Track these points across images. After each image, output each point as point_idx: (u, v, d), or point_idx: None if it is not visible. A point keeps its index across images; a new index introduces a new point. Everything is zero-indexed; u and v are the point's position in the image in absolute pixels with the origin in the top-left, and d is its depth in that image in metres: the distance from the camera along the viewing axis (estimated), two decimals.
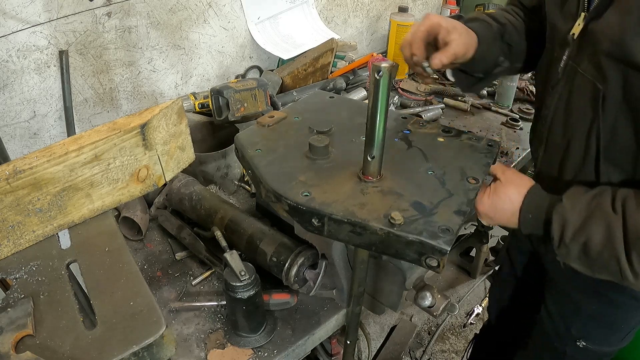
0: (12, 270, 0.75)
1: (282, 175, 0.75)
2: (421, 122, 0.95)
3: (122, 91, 1.55)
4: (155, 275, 1.09)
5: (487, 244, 2.36)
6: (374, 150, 0.69)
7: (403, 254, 0.65)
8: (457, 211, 0.69)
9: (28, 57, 1.30)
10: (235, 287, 0.86)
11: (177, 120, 0.93)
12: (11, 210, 0.75)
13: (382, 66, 0.61)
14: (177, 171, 0.97)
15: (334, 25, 2.13)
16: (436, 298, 0.91)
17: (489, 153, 0.85)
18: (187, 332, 0.96)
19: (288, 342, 0.94)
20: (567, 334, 1.09)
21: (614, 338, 1.07)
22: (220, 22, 1.71)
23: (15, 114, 1.34)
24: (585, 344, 1.08)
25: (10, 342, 0.63)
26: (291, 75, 1.77)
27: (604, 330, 1.05)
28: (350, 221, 0.66)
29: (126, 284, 0.72)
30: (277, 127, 0.91)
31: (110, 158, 0.83)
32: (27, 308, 0.68)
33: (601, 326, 1.04)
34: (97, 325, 0.66)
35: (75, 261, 0.78)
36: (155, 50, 1.56)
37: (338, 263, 0.94)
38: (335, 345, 1.43)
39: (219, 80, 1.81)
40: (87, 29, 1.37)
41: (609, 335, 1.07)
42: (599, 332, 1.06)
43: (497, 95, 1.91)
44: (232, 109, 1.32)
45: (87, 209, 0.84)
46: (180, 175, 1.22)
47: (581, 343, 1.08)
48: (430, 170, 0.78)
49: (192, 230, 1.15)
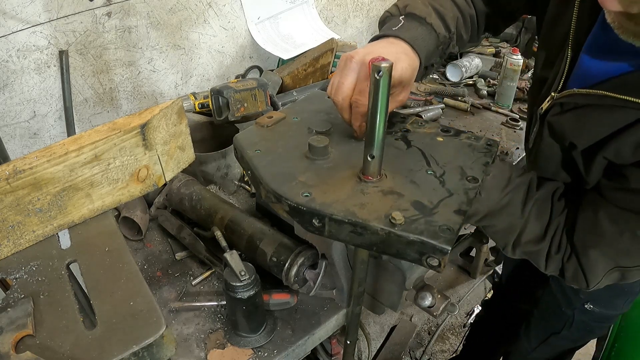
0: (12, 270, 0.75)
1: (282, 176, 0.75)
2: (420, 121, 0.95)
3: (122, 91, 1.55)
4: (155, 275, 1.09)
5: (487, 244, 2.36)
6: (374, 150, 0.69)
7: (404, 253, 0.65)
8: (458, 210, 0.69)
9: (28, 57, 1.30)
10: (235, 287, 0.86)
11: (177, 120, 0.93)
12: (11, 210, 0.75)
13: (382, 66, 0.61)
14: (177, 171, 0.97)
15: (334, 25, 2.13)
16: (436, 298, 0.91)
17: (488, 152, 0.85)
18: (187, 332, 0.96)
19: (288, 342, 0.94)
20: (575, 297, 1.13)
21: (620, 302, 1.13)
22: (220, 22, 1.71)
23: (15, 114, 1.34)
24: (593, 307, 1.13)
25: (10, 342, 0.63)
26: (291, 75, 1.77)
27: (612, 293, 1.10)
28: (351, 221, 0.66)
29: (126, 284, 0.72)
30: (276, 127, 0.90)
31: (110, 158, 0.82)
32: (27, 308, 0.68)
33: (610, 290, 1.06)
34: (97, 325, 0.66)
35: (75, 261, 0.78)
36: (155, 50, 1.56)
37: (338, 263, 0.94)
38: (335, 345, 1.43)
39: (219, 80, 1.81)
40: (87, 29, 1.37)
41: (616, 299, 1.12)
42: (608, 295, 1.09)
43: (497, 95, 1.91)
44: (232, 109, 1.32)
45: (87, 209, 0.84)
46: (180, 175, 1.22)
47: (589, 306, 1.13)
48: (430, 170, 0.78)
49: (192, 230, 1.15)
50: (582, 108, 0.81)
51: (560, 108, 0.85)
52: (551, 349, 1.31)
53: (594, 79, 0.78)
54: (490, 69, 2.18)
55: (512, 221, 0.85)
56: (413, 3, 0.91)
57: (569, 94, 0.82)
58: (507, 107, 1.87)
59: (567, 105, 0.84)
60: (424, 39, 0.87)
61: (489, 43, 2.40)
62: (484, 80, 2.07)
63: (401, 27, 0.86)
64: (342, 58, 0.80)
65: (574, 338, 1.26)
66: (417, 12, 0.88)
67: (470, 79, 2.09)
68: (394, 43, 0.84)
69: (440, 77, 2.13)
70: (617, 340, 1.47)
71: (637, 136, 0.73)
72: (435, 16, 0.90)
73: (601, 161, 0.80)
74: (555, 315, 1.22)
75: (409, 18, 0.88)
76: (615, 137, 0.75)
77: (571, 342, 1.29)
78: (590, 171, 0.83)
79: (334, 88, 0.79)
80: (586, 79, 0.80)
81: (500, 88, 1.88)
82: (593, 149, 0.80)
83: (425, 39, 0.87)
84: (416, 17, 0.88)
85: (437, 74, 2.15)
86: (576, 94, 0.80)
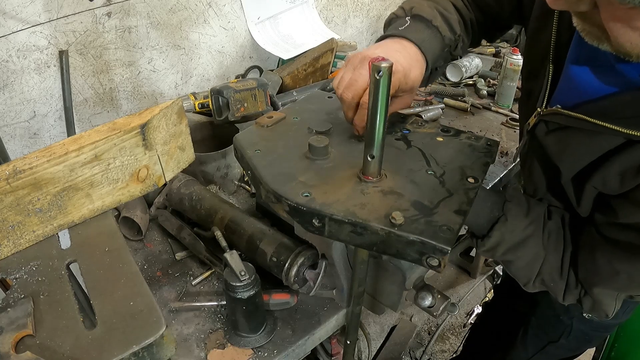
0: (12, 270, 0.75)
1: (282, 176, 0.75)
2: (420, 121, 0.95)
3: (122, 91, 1.55)
4: (155, 275, 1.09)
5: None
6: (374, 150, 0.69)
7: (404, 253, 0.65)
8: (458, 210, 0.69)
9: (28, 57, 1.30)
10: (235, 287, 0.86)
11: (177, 120, 0.93)
12: (11, 210, 0.75)
13: (382, 66, 0.61)
14: (177, 171, 0.97)
15: (334, 25, 2.13)
16: (436, 298, 0.91)
17: (488, 152, 0.85)
18: (187, 332, 0.96)
19: (288, 342, 0.94)
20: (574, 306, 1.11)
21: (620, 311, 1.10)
22: (220, 22, 1.71)
23: (15, 114, 1.34)
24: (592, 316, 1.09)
25: (10, 342, 0.63)
26: (291, 75, 1.77)
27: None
28: (351, 221, 0.66)
29: (126, 284, 0.72)
30: (276, 127, 0.90)
31: (110, 158, 0.82)
32: (27, 308, 0.68)
33: None
34: (97, 325, 0.66)
35: (75, 261, 0.78)
36: (155, 50, 1.56)
37: (338, 263, 0.94)
38: (335, 345, 1.43)
39: (219, 80, 1.81)
40: (87, 29, 1.37)
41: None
42: None
43: (497, 95, 1.91)
44: (232, 109, 1.32)
45: (87, 209, 0.84)
46: (180, 175, 1.22)
47: (587, 314, 1.09)
48: (430, 170, 0.78)
49: (192, 230, 1.15)
50: (565, 130, 0.78)
51: (545, 126, 0.83)
52: (548, 358, 1.30)
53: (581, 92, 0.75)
54: (490, 69, 2.18)
55: (537, 252, 0.82)
56: (419, 5, 0.91)
57: (553, 112, 0.80)
58: (507, 107, 1.87)
59: (551, 124, 0.82)
60: (431, 41, 0.87)
61: (489, 43, 2.40)
62: (484, 80, 2.07)
63: (408, 27, 0.86)
64: (355, 56, 0.79)
65: (571, 347, 1.23)
66: (424, 14, 0.88)
67: (470, 79, 2.09)
68: (403, 44, 0.83)
69: (440, 77, 2.13)
70: (617, 340, 1.47)
71: (622, 165, 0.69)
72: (440, 19, 0.90)
73: (592, 190, 0.77)
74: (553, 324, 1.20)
75: (415, 19, 0.88)
76: (601, 164, 0.72)
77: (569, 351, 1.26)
78: (581, 200, 0.80)
79: (343, 84, 0.78)
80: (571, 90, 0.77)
81: (500, 88, 1.87)
82: (582, 176, 0.77)
83: (431, 42, 0.87)
84: (422, 19, 0.88)
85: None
86: (559, 113, 0.78)
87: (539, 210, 0.85)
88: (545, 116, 0.83)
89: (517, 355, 1.38)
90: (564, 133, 0.79)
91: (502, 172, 1.48)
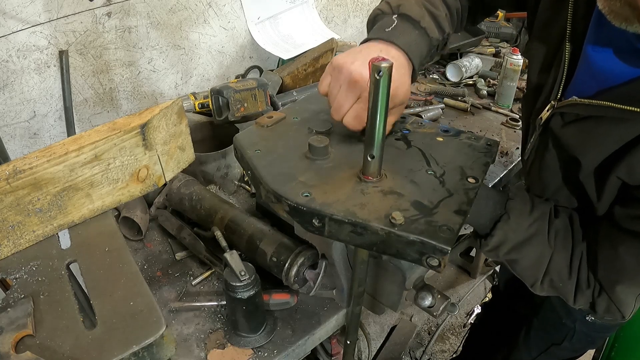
0: (12, 270, 0.75)
1: (282, 176, 0.75)
2: (420, 121, 0.95)
3: (122, 91, 1.55)
4: (155, 275, 1.09)
5: None
6: (374, 150, 0.69)
7: (404, 253, 0.65)
8: (458, 210, 0.69)
9: (28, 57, 1.30)
10: (235, 287, 0.86)
11: (177, 120, 0.93)
12: (11, 210, 0.75)
13: (382, 66, 0.61)
14: (177, 171, 0.97)
15: (334, 25, 2.13)
16: (436, 298, 0.91)
17: (488, 152, 0.85)
18: (187, 332, 0.96)
19: (288, 342, 0.94)
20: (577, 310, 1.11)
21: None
22: (220, 22, 1.71)
23: (15, 114, 1.34)
24: (594, 318, 1.08)
25: (10, 342, 0.63)
26: (291, 75, 1.77)
27: None
28: (351, 221, 0.66)
29: (126, 284, 0.72)
30: (276, 127, 0.90)
31: (110, 158, 0.83)
32: (27, 308, 0.68)
33: None
34: (97, 325, 0.66)
35: (75, 261, 0.78)
36: (155, 50, 1.56)
37: (338, 263, 0.94)
38: (335, 345, 1.43)
39: (219, 80, 1.81)
40: (87, 29, 1.37)
41: None
42: None
43: (497, 95, 1.91)
44: (232, 109, 1.32)
45: (87, 209, 0.84)
46: (180, 175, 1.22)
47: (590, 317, 1.08)
48: (430, 170, 0.78)
49: (192, 230, 1.15)
50: (585, 120, 0.76)
51: (561, 119, 0.81)
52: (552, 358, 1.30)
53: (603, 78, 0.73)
54: (490, 69, 2.18)
55: (542, 251, 0.81)
56: (406, 3, 0.87)
57: (570, 104, 0.77)
58: (507, 107, 1.87)
59: (568, 116, 0.80)
60: (418, 44, 0.83)
61: (489, 43, 2.40)
62: (484, 80, 2.07)
63: (395, 29, 0.82)
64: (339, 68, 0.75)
65: (575, 348, 1.23)
66: (412, 14, 0.84)
67: (470, 79, 2.09)
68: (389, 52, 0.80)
69: (440, 77, 2.13)
70: (617, 340, 1.47)
71: None
72: (429, 18, 0.86)
73: (615, 182, 0.74)
74: (555, 327, 1.19)
75: (402, 19, 0.84)
76: (627, 152, 0.70)
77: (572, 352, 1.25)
78: (603, 194, 0.77)
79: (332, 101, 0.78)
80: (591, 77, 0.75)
81: (500, 88, 1.87)
82: (605, 167, 0.75)
83: (419, 45, 0.83)
84: (410, 19, 0.83)
85: (437, 74, 2.15)
86: (577, 103, 0.76)
87: (543, 208, 0.84)
88: (560, 108, 0.80)
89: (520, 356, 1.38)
90: (584, 123, 0.77)
91: (502, 172, 1.48)
